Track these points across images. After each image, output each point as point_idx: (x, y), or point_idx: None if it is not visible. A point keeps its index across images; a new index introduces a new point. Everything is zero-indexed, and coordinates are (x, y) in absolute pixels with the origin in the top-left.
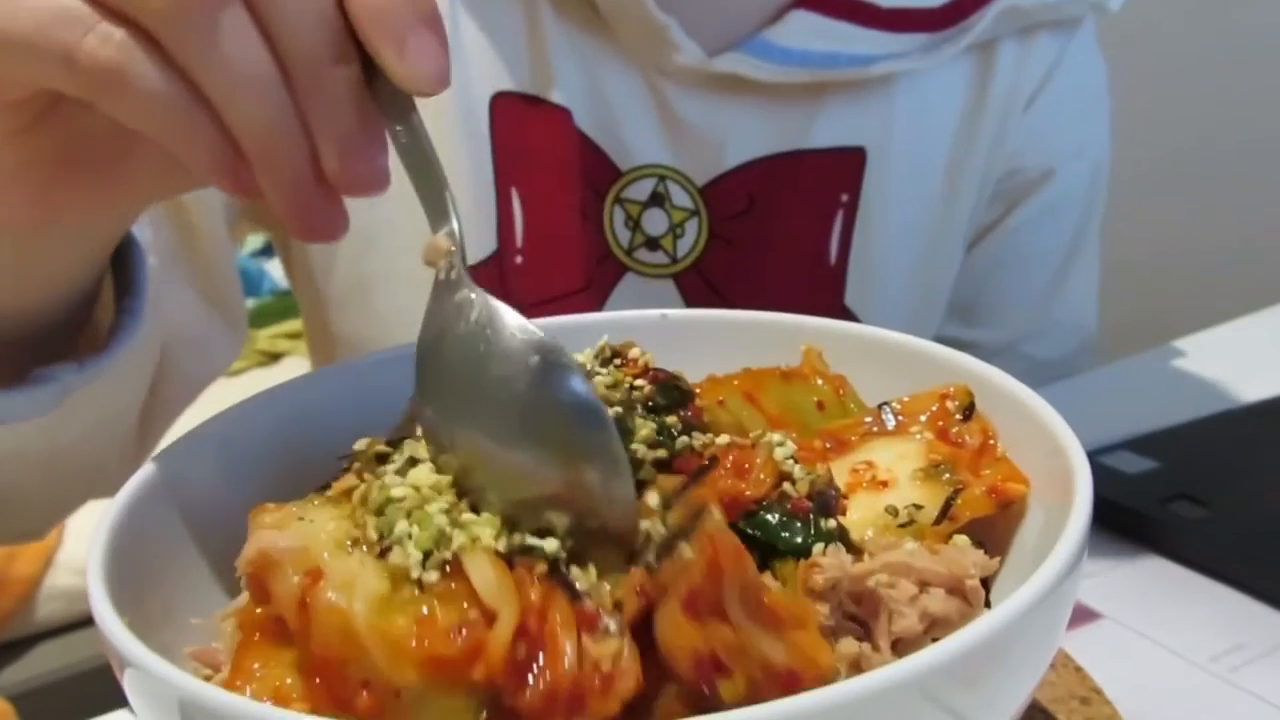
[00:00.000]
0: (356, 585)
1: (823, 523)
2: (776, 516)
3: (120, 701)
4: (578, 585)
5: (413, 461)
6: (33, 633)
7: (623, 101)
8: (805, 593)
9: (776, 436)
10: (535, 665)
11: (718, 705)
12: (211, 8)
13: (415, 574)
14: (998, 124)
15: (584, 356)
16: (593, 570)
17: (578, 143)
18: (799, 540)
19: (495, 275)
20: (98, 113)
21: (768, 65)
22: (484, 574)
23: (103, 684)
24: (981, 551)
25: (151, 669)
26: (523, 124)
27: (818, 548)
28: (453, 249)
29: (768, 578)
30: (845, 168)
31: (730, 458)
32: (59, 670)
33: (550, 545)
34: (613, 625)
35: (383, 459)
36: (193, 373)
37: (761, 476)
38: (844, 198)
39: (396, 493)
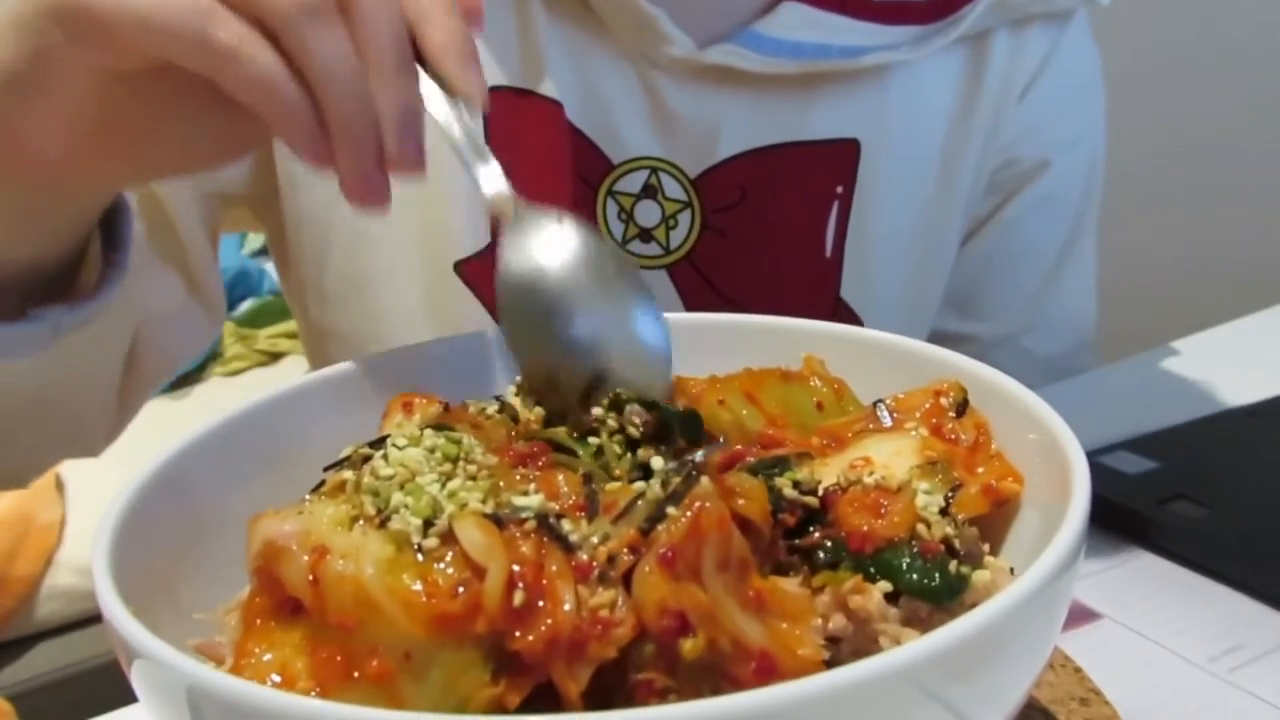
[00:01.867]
0: (363, 553)
1: (952, 566)
2: (904, 559)
3: (120, 701)
4: (571, 538)
5: (399, 447)
6: (33, 632)
7: (614, 94)
8: (836, 605)
9: (924, 486)
10: (537, 612)
11: (682, 663)
12: (321, 16)
13: (415, 539)
14: (992, 115)
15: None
16: (584, 524)
17: (569, 136)
18: (916, 578)
19: (489, 267)
20: (146, 91)
21: (758, 57)
22: (471, 535)
23: (102, 683)
24: None
25: (160, 658)
26: (514, 118)
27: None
28: (511, 197)
29: (788, 583)
30: (839, 159)
31: (868, 496)
32: (59, 670)
33: (534, 502)
34: (607, 576)
35: (369, 460)
36: (169, 348)
37: (896, 519)
38: (839, 189)
39: (386, 471)
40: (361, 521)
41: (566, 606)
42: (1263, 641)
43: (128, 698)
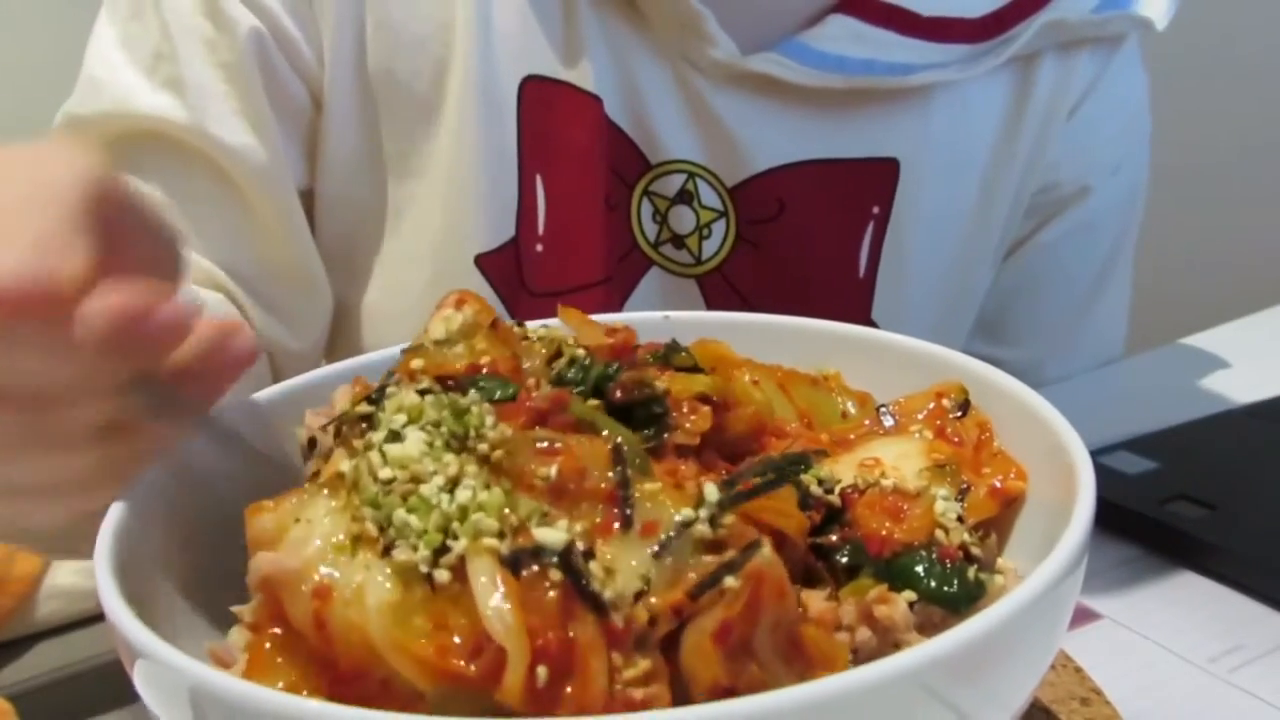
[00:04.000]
0: (367, 594)
1: (970, 572)
2: (923, 565)
3: (120, 701)
4: (605, 596)
5: (395, 436)
6: (33, 632)
7: (655, 93)
8: (861, 617)
9: (942, 492)
10: (563, 692)
11: None
12: None
13: (424, 569)
14: (1035, 139)
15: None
16: (619, 579)
17: (607, 132)
18: (934, 584)
19: (512, 262)
20: None
21: (802, 68)
22: (490, 603)
23: (103, 684)
24: None
25: (162, 658)
26: (551, 109)
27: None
28: None
29: (814, 596)
30: (877, 178)
31: (886, 500)
32: (59, 670)
33: (558, 538)
34: (646, 641)
35: (367, 419)
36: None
37: (915, 525)
38: (875, 209)
39: (385, 474)
40: (367, 544)
41: (598, 683)
42: (1263, 641)
43: (128, 698)
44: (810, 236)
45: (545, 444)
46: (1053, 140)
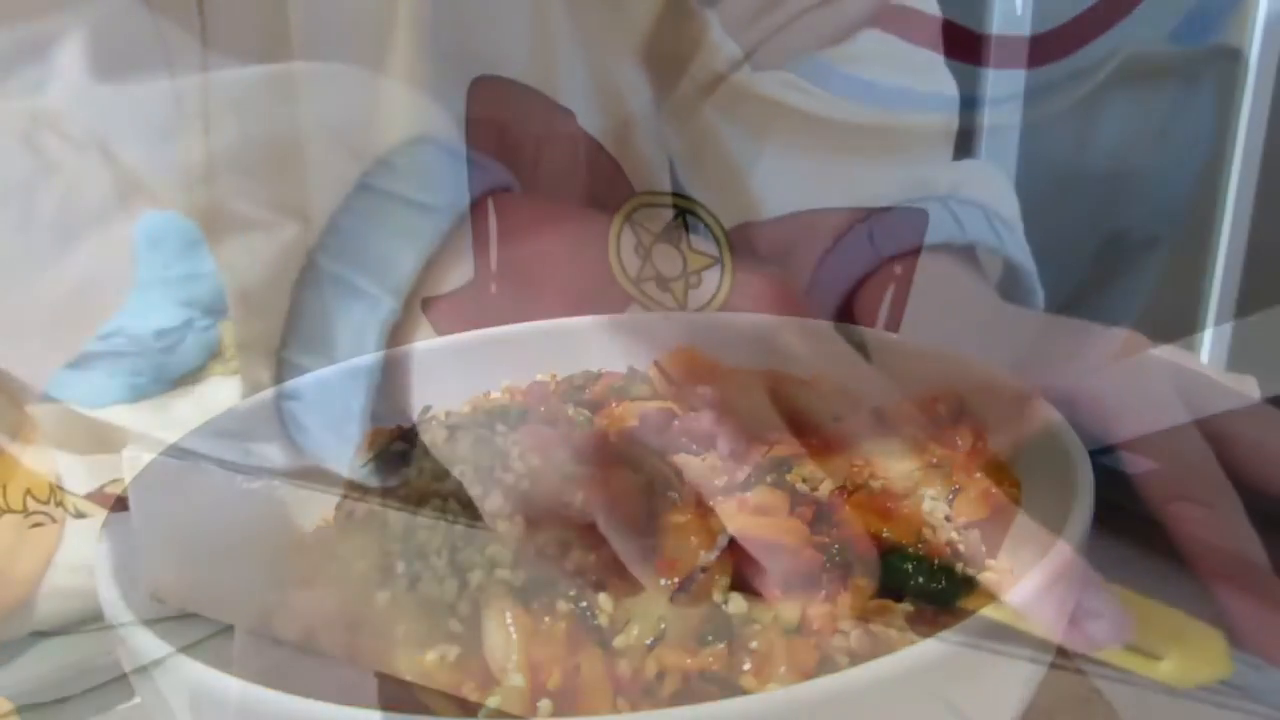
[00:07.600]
0: (395, 627)
1: (958, 569)
2: (911, 563)
3: (120, 701)
4: (614, 641)
5: (424, 470)
6: (33, 632)
7: (642, 114)
8: (857, 623)
9: (930, 492)
10: None
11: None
12: None
13: (450, 599)
14: (1102, 185)
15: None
16: (632, 623)
17: (586, 150)
18: (922, 581)
19: (456, 309)
20: None
21: (823, 94)
22: (492, 637)
23: (102, 683)
24: None
25: (163, 659)
26: (523, 123)
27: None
28: None
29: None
30: (905, 232)
31: (873, 500)
32: (59, 670)
33: (568, 567)
34: (654, 693)
35: (403, 456)
36: None
37: (902, 524)
38: (898, 269)
39: (413, 514)
40: (393, 580)
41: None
42: None
43: (128, 698)
44: (818, 294)
45: (576, 477)
46: (1121, 184)
